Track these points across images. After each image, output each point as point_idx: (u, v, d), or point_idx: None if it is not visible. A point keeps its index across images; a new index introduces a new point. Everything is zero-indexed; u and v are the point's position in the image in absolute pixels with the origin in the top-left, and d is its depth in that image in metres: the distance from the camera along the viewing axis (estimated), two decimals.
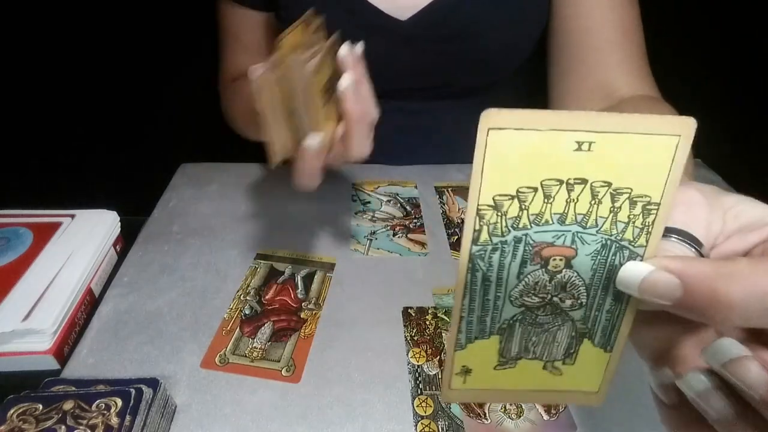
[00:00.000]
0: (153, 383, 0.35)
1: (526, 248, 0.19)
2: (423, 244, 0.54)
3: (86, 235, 0.50)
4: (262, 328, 0.44)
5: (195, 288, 0.48)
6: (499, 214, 0.19)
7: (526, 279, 0.20)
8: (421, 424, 0.36)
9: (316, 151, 0.36)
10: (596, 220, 0.19)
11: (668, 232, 0.20)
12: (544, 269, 0.20)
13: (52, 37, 1.04)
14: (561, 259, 0.20)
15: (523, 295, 0.20)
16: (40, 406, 0.33)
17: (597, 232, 0.19)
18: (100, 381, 0.36)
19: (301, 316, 0.45)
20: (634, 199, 0.19)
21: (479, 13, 0.55)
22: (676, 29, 0.98)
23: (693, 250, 0.20)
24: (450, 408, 0.37)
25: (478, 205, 0.18)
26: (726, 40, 1.05)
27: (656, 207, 0.19)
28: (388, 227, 0.56)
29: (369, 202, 0.60)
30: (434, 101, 0.64)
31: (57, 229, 0.50)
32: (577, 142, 0.18)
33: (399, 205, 0.60)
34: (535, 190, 0.18)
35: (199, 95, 0.81)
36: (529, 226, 0.19)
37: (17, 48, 1.05)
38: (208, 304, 0.46)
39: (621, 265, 0.19)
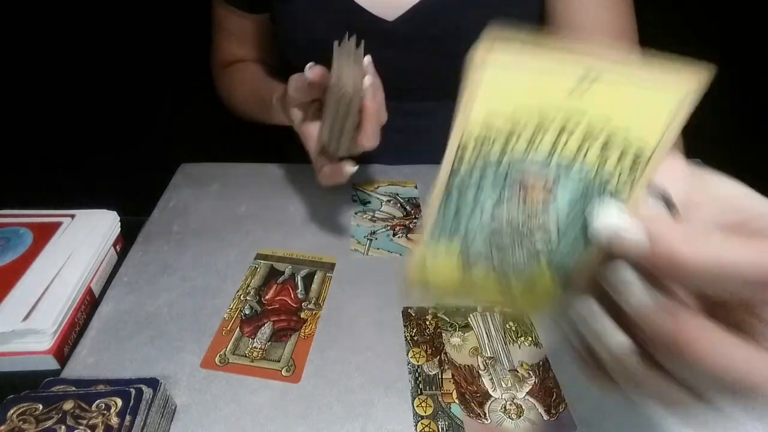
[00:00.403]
0: (153, 383, 0.35)
1: (508, 177, 0.19)
2: None
3: (86, 235, 0.50)
4: (262, 328, 0.44)
5: (195, 288, 0.48)
6: (487, 138, 0.18)
7: (502, 207, 0.20)
8: (421, 424, 0.36)
9: (350, 173, 0.48)
10: (583, 163, 0.18)
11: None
12: (521, 201, 0.20)
13: (52, 37, 1.04)
14: (541, 195, 0.19)
15: (496, 219, 0.20)
16: (40, 406, 0.33)
17: (581, 176, 0.19)
18: (100, 381, 0.36)
19: (301, 316, 0.45)
20: (626, 148, 0.18)
21: (467, 12, 0.54)
22: (673, 29, 0.98)
23: (666, 211, 0.20)
24: (450, 408, 0.37)
25: (468, 123, 0.18)
26: (726, 40, 1.05)
27: (646, 161, 0.18)
28: (388, 227, 0.56)
29: (369, 202, 0.60)
30: (429, 101, 0.63)
31: (57, 229, 0.50)
32: (579, 79, 0.17)
33: (399, 205, 0.60)
34: (529, 119, 0.18)
35: (199, 95, 0.81)
36: (515, 156, 0.19)
37: (18, 48, 1.05)
38: (208, 304, 0.46)
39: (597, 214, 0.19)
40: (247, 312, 0.45)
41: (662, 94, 0.17)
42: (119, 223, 0.53)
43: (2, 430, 0.32)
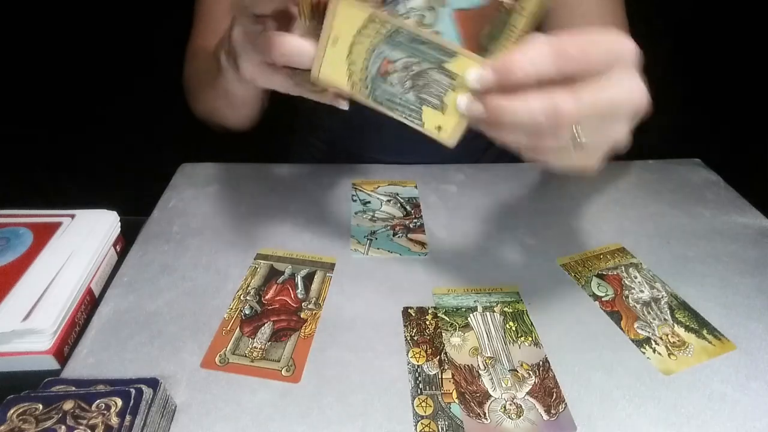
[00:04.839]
0: (153, 383, 0.35)
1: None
2: (423, 244, 0.54)
3: (86, 235, 0.50)
4: (262, 328, 0.44)
5: (195, 288, 0.48)
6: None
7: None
8: (421, 424, 0.36)
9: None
10: None
11: None
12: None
13: (52, 37, 1.04)
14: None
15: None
16: (40, 406, 0.33)
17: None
18: (100, 381, 0.36)
19: (301, 316, 0.45)
20: None
21: None
22: (673, 27, 0.98)
23: None
24: (450, 408, 0.37)
25: None
26: (725, 39, 1.05)
27: None
28: (388, 227, 0.56)
29: (369, 202, 0.60)
30: None
31: (57, 229, 0.50)
32: None
33: (399, 205, 0.60)
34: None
35: None
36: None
37: (18, 48, 1.05)
38: (208, 304, 0.46)
39: None
40: (247, 312, 0.45)
41: None
42: (119, 223, 0.53)
43: (2, 430, 0.32)
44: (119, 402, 0.33)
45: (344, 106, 0.39)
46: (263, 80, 0.37)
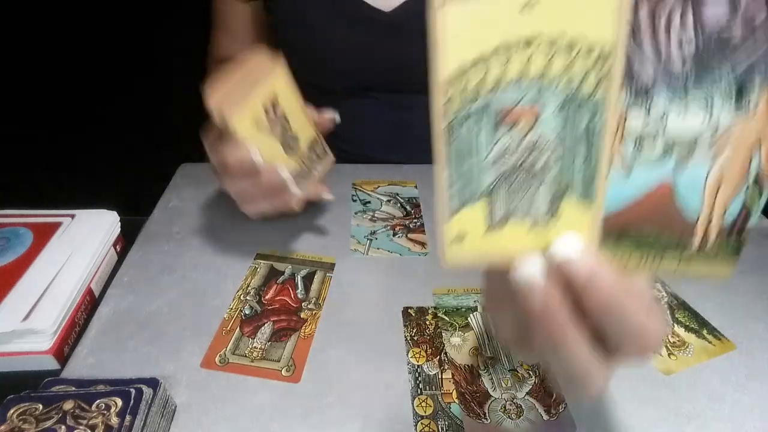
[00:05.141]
0: (153, 383, 0.35)
1: (493, 113, 0.20)
2: (423, 244, 0.54)
3: (86, 235, 0.50)
4: (262, 328, 0.44)
5: (195, 288, 0.48)
6: (463, 82, 0.20)
7: (499, 143, 0.21)
8: (421, 424, 0.36)
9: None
10: (554, 76, 0.20)
11: None
12: (513, 131, 0.21)
13: (53, 37, 1.04)
14: (528, 120, 0.20)
15: (498, 159, 0.21)
16: (40, 406, 0.33)
17: (556, 88, 0.20)
18: (100, 381, 0.36)
19: (301, 316, 0.45)
20: (588, 49, 0.19)
21: None
22: None
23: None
24: (450, 408, 0.37)
25: (442, 77, 0.20)
26: None
27: (610, 55, 0.19)
28: (388, 227, 0.56)
29: (369, 202, 0.60)
30: (425, 95, 0.63)
31: (57, 229, 0.50)
32: (521, 3, 0.19)
33: (399, 205, 0.60)
34: (492, 54, 0.19)
35: (199, 95, 0.81)
36: (492, 91, 0.20)
37: (18, 48, 1.05)
38: (208, 304, 0.46)
39: (586, 118, 0.20)
40: (247, 312, 0.45)
41: None
42: (119, 223, 0.53)
43: (2, 430, 0.32)
44: (119, 402, 0.33)
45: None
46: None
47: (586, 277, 0.20)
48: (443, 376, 0.39)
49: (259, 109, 0.43)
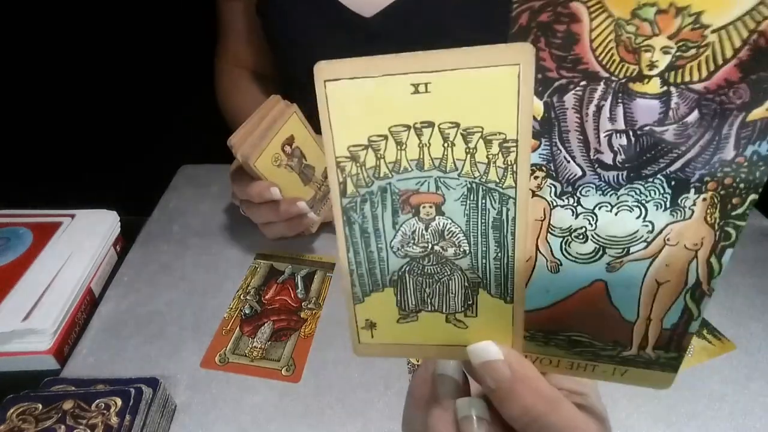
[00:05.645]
0: (153, 383, 0.35)
1: (393, 197, 0.19)
2: None
3: (86, 235, 0.50)
4: (262, 327, 0.44)
5: (195, 288, 0.48)
6: (358, 164, 0.18)
7: (402, 229, 0.20)
8: None
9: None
10: (454, 162, 0.18)
11: None
12: (416, 218, 0.19)
13: (53, 37, 1.04)
14: (431, 206, 0.19)
15: (404, 246, 0.20)
16: (40, 406, 0.33)
17: (459, 175, 0.18)
18: (100, 381, 0.36)
19: (301, 315, 0.45)
20: (488, 137, 0.18)
21: (446, 10, 0.54)
22: None
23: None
24: None
25: (335, 157, 0.18)
26: None
27: (514, 143, 0.17)
28: None
29: None
30: None
31: (57, 229, 0.50)
32: (413, 85, 0.17)
33: None
34: (386, 137, 0.18)
35: (199, 96, 0.81)
36: (390, 175, 0.19)
37: (18, 48, 1.05)
38: (208, 304, 0.46)
39: (494, 209, 0.19)
40: (247, 312, 0.45)
41: (496, 73, 0.17)
42: (119, 223, 0.53)
43: (2, 430, 0.32)
44: (119, 402, 0.33)
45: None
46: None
47: (509, 384, 0.19)
48: None
49: (277, 149, 0.48)
